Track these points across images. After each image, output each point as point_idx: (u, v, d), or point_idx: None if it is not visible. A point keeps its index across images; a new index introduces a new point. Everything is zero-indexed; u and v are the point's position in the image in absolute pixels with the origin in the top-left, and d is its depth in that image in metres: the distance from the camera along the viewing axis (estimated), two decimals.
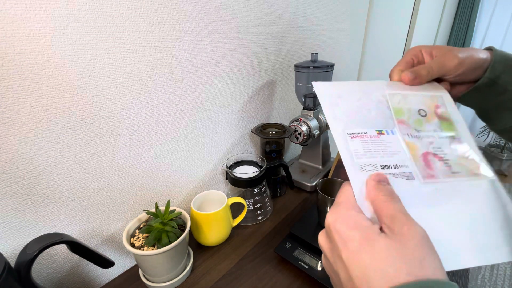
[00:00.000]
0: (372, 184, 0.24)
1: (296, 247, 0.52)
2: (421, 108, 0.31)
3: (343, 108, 0.29)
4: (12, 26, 0.33)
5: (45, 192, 0.41)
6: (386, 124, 0.29)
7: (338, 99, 0.30)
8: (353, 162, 0.25)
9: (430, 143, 0.29)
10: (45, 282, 0.45)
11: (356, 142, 0.27)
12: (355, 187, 0.24)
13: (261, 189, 0.63)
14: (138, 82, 0.47)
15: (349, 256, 0.21)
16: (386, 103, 0.30)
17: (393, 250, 0.19)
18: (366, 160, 0.26)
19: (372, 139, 0.27)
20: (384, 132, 0.28)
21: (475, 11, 2.53)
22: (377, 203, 0.22)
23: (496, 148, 2.50)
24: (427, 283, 0.18)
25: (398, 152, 0.27)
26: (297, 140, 0.69)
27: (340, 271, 0.22)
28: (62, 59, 0.38)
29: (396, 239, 0.20)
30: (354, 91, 0.31)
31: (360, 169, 0.25)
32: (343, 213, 0.23)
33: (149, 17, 0.45)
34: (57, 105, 0.39)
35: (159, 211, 0.47)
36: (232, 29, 0.59)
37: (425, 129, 0.29)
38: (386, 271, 0.19)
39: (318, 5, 0.83)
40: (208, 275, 0.50)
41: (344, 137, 0.27)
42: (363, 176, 0.25)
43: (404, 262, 0.19)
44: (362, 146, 0.26)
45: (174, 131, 0.55)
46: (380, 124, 0.29)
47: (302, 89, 0.69)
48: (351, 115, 0.29)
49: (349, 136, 0.27)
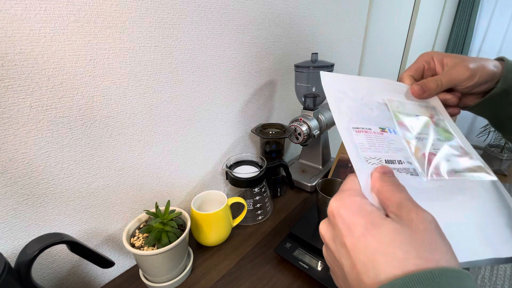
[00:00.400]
0: (377, 175, 0.23)
1: (296, 247, 0.52)
2: (417, 114, 0.32)
3: (348, 103, 0.29)
4: (12, 26, 0.33)
5: (45, 192, 0.41)
6: (388, 124, 0.29)
7: (343, 94, 0.30)
8: (358, 154, 0.25)
9: (431, 145, 0.29)
10: (45, 282, 0.45)
11: (361, 136, 0.27)
12: (361, 179, 0.24)
13: (261, 189, 0.63)
14: (138, 82, 0.47)
15: (354, 241, 0.20)
16: (386, 106, 0.31)
17: (401, 234, 0.18)
18: (371, 154, 0.26)
19: (376, 135, 0.27)
20: (387, 130, 0.28)
21: (475, 11, 2.53)
22: (383, 192, 0.22)
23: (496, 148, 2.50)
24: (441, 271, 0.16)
25: (401, 149, 0.27)
26: (297, 140, 0.69)
27: (344, 259, 0.20)
28: (62, 59, 0.38)
29: (404, 224, 0.19)
30: (358, 89, 0.31)
31: (366, 161, 0.25)
32: (347, 199, 0.22)
33: (149, 17, 0.45)
34: (57, 105, 0.39)
35: (159, 211, 0.47)
36: (232, 29, 0.59)
37: (424, 133, 0.30)
38: (395, 254, 0.18)
39: (318, 5, 0.83)
40: (208, 275, 0.50)
41: (349, 130, 0.27)
42: (368, 169, 0.24)
43: (413, 246, 0.18)
44: (367, 140, 0.26)
45: (174, 131, 0.55)
46: (383, 123, 0.29)
47: (302, 89, 0.69)
48: (355, 111, 0.29)
49: (354, 130, 0.27)
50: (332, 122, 0.78)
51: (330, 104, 0.29)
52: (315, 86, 0.67)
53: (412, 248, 0.18)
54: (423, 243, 0.18)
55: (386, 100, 0.32)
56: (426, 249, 0.18)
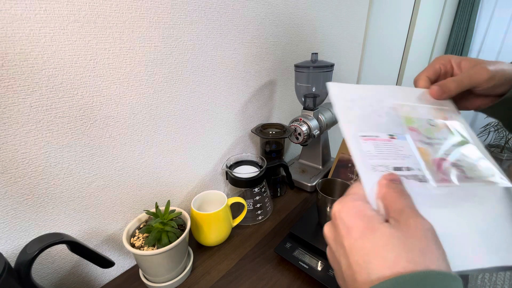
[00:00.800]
0: (384, 182, 0.24)
1: (296, 247, 0.52)
2: (429, 118, 0.31)
3: (356, 111, 0.29)
4: (12, 26, 0.33)
5: (45, 192, 0.41)
6: (397, 130, 0.29)
7: (351, 103, 0.30)
8: (365, 163, 0.25)
9: (442, 150, 0.28)
10: (45, 282, 0.45)
11: (369, 144, 0.27)
12: (366, 186, 0.24)
13: (261, 189, 0.63)
14: (138, 82, 0.47)
15: (351, 242, 0.21)
16: (396, 111, 0.31)
17: (395, 238, 0.19)
18: (378, 161, 0.26)
19: (384, 142, 0.27)
20: (396, 137, 0.28)
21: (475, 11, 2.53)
22: (387, 198, 0.23)
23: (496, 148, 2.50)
24: (428, 273, 0.17)
25: (410, 156, 0.27)
26: (297, 140, 0.69)
27: (342, 258, 0.22)
28: (62, 59, 0.38)
29: (400, 229, 0.20)
30: (366, 97, 0.31)
31: (373, 169, 0.25)
32: (349, 202, 0.23)
33: (149, 17, 0.45)
34: (57, 105, 0.39)
35: (159, 211, 0.47)
36: (232, 29, 0.59)
37: (436, 137, 0.29)
38: (387, 256, 0.19)
39: (318, 5, 0.83)
40: (208, 275, 0.50)
41: (356, 139, 0.27)
42: (375, 177, 0.25)
43: (405, 250, 0.19)
44: (374, 148, 0.26)
45: (174, 131, 0.55)
46: (392, 130, 0.29)
47: (302, 89, 0.69)
48: (363, 119, 0.29)
49: (361, 138, 0.27)
50: (332, 122, 0.78)
51: (338, 114, 0.29)
52: (315, 86, 0.67)
53: (404, 252, 0.19)
54: (415, 248, 0.19)
55: (396, 105, 0.31)
56: (417, 254, 0.18)
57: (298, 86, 0.69)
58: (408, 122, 0.30)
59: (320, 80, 0.66)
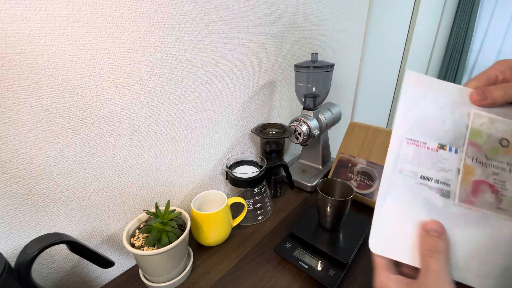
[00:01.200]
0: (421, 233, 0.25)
1: (296, 247, 0.52)
2: (505, 137, 0.26)
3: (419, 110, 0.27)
4: (12, 26, 0.33)
5: (45, 192, 0.41)
6: (454, 141, 0.27)
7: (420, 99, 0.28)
8: (394, 163, 0.25)
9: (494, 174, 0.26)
10: (45, 282, 0.45)
11: (410, 148, 0.26)
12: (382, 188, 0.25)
13: (261, 189, 0.63)
14: (138, 82, 0.47)
15: None
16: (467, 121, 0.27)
17: None
18: (408, 166, 0.26)
19: (428, 150, 0.26)
20: (447, 148, 0.26)
21: (475, 11, 2.53)
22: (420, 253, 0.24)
23: None
24: None
25: (448, 171, 0.26)
26: (297, 140, 0.69)
27: None
28: (62, 59, 0.38)
29: None
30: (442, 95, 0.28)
31: (399, 172, 0.25)
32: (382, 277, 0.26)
33: (149, 17, 0.45)
34: (57, 105, 0.39)
35: (159, 211, 0.47)
36: (232, 29, 0.59)
37: (498, 159, 0.26)
38: None
39: (318, 5, 0.83)
40: (208, 275, 0.50)
41: (400, 140, 0.26)
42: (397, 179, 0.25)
43: None
44: (413, 153, 0.26)
45: (174, 131, 0.55)
46: (447, 140, 0.27)
47: (302, 89, 0.69)
48: (422, 121, 0.27)
49: (406, 140, 0.26)
50: (332, 122, 0.78)
51: (399, 107, 0.27)
52: (315, 86, 0.67)
53: None
54: None
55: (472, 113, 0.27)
56: None
57: (298, 86, 0.70)
58: (473, 136, 0.26)
59: (320, 80, 0.66)
